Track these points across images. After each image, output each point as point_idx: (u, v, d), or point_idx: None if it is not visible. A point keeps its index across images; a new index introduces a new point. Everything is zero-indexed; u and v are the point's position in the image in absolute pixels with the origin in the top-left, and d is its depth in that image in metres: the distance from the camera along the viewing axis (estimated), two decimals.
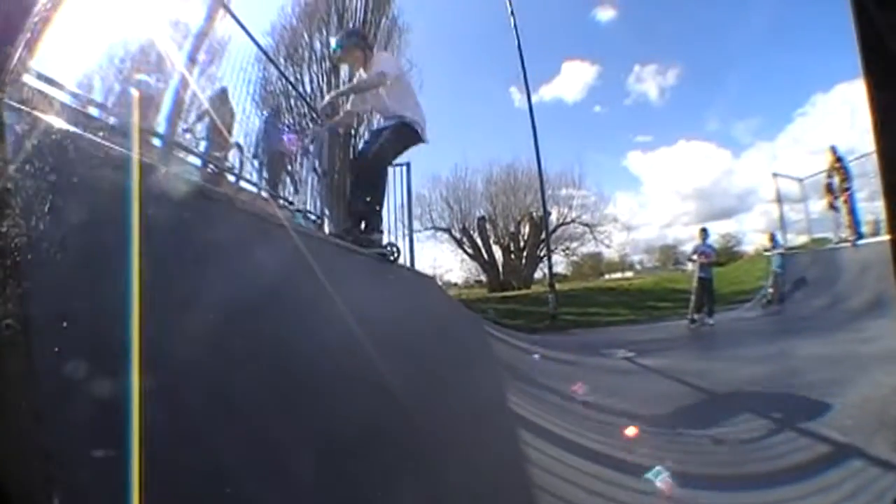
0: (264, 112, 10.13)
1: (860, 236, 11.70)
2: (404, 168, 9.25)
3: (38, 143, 1.21)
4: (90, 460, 1.05)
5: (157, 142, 6.55)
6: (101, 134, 1.59)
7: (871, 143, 1.22)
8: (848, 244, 11.79)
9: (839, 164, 12.29)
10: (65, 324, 1.13)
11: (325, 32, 19.59)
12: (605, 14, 34.08)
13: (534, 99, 26.37)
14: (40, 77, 4.28)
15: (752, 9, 35.28)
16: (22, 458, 1.00)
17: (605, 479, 3.36)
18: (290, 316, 2.52)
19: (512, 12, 16.28)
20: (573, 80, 41.05)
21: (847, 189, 12.12)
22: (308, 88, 18.78)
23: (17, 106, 1.19)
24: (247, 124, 8.65)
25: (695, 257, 11.40)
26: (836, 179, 12.31)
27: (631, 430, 4.40)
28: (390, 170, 5.56)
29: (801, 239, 14.99)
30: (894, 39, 1.03)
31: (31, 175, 1.16)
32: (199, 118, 7.91)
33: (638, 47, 40.39)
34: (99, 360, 1.18)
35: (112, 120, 5.52)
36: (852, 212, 12.04)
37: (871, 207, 12.06)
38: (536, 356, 11.66)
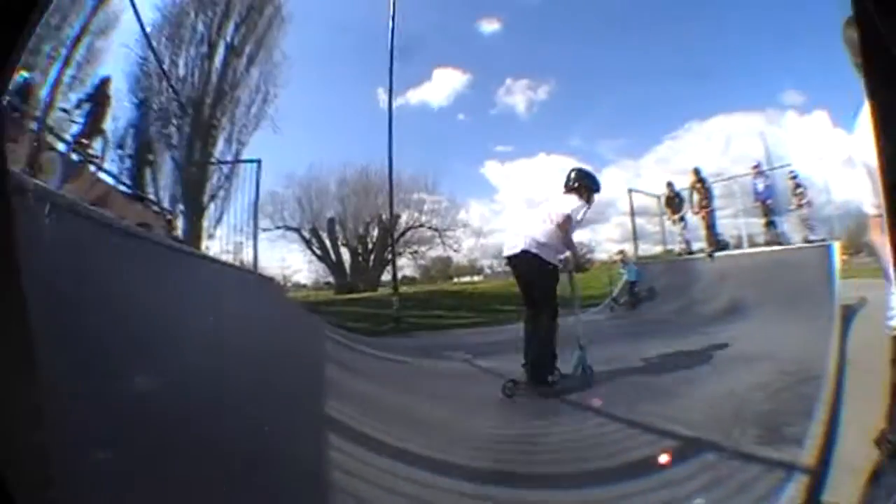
0: (137, 97, 9.93)
1: (720, 248, 13.04)
2: (255, 165, 9.30)
3: None
4: (90, 460, 1.26)
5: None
6: None
7: (871, 144, 1.24)
8: (703, 255, 13.03)
9: (700, 184, 13.43)
10: None
11: (210, 14, 18.84)
12: (490, 26, 34.83)
13: (399, 102, 26.50)
14: None
15: (650, 35, 37.48)
16: (22, 458, 1.00)
17: (419, 482, 3.43)
18: (110, 319, 2.51)
19: (393, 15, 16.24)
20: (442, 86, 41.38)
21: (706, 206, 13.28)
22: (181, 72, 17.99)
23: None
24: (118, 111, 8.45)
25: None
26: (697, 197, 13.40)
27: (458, 432, 4.54)
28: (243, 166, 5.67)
29: (657, 250, 15.75)
30: (894, 41, 1.04)
31: None
32: (78, 105, 7.71)
33: (515, 62, 41.38)
34: None
35: None
36: (711, 227, 13.25)
37: (738, 224, 13.63)
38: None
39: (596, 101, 38.53)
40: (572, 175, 6.93)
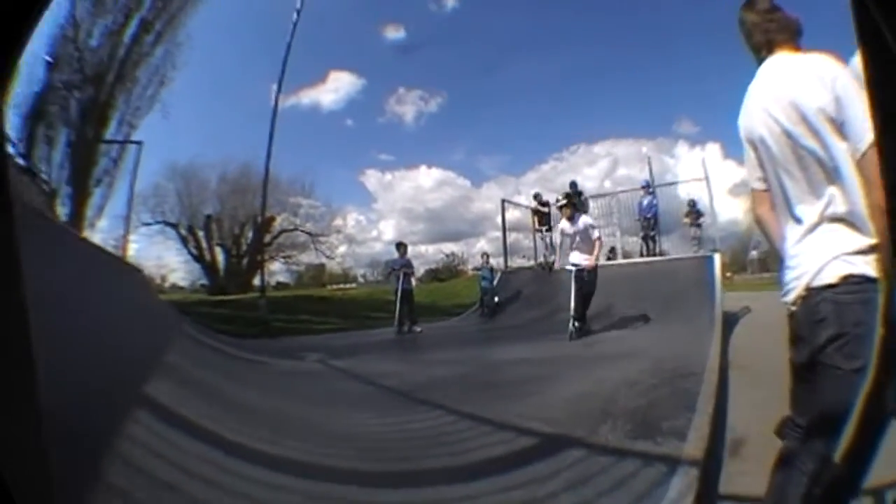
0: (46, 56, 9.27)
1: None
2: (137, 147, 8.65)
3: None
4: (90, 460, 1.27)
5: None
6: None
7: (872, 143, 1.28)
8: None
9: (576, 198, 13.57)
10: None
11: None
12: (395, 33, 34.97)
13: (290, 101, 25.66)
14: None
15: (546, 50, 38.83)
16: (22, 458, 1.00)
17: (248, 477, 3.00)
18: None
19: (300, 9, 15.92)
20: (335, 89, 40.87)
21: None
22: (94, 43, 16.25)
23: None
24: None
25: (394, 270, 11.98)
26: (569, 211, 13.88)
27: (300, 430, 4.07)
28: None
29: (530, 263, 16.24)
30: (894, 41, 1.01)
31: None
32: None
33: (412, 71, 42.10)
34: None
35: None
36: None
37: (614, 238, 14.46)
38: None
39: (485, 118, 39.77)
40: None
